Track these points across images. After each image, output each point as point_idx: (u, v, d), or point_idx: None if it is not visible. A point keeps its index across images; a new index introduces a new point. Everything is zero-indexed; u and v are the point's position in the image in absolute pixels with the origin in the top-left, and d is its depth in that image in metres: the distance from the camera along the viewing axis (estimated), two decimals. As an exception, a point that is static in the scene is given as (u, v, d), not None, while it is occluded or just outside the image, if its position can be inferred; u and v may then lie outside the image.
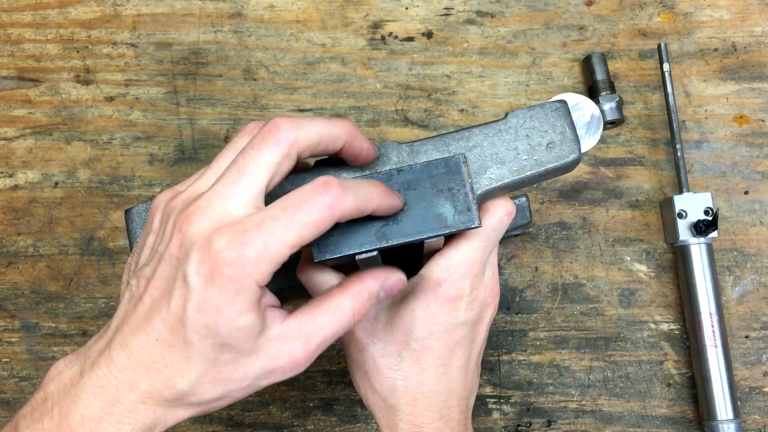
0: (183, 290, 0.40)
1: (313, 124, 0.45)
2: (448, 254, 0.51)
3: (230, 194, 0.42)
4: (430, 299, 0.50)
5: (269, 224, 0.40)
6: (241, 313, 0.40)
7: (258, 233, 0.40)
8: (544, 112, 0.50)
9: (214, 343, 0.41)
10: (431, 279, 0.51)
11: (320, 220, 0.41)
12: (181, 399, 0.42)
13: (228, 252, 0.39)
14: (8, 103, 0.77)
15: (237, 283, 0.40)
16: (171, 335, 0.41)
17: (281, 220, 0.40)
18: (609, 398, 0.71)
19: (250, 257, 0.40)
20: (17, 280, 0.74)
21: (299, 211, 0.41)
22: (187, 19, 0.78)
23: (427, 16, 0.78)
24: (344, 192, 0.42)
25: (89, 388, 0.42)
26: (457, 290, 0.50)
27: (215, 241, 0.40)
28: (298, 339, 0.43)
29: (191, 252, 0.40)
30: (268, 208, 0.41)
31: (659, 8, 0.77)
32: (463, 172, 0.47)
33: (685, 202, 0.70)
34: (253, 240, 0.40)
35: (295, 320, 0.43)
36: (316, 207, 0.41)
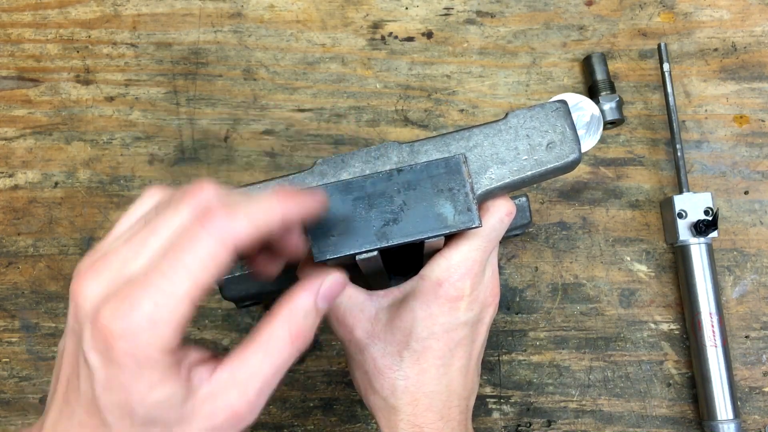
0: (86, 370, 0.36)
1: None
2: (449, 254, 0.51)
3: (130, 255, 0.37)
4: (431, 299, 0.50)
5: (155, 279, 0.35)
6: (153, 386, 0.35)
7: (143, 293, 0.35)
8: (545, 112, 0.50)
9: (133, 422, 0.36)
10: (431, 279, 0.51)
11: (214, 258, 0.35)
12: None
13: (116, 324, 0.34)
14: (8, 103, 0.77)
15: (135, 356, 0.34)
16: (89, 418, 0.37)
17: (167, 271, 0.35)
18: (609, 398, 0.71)
19: (142, 324, 0.34)
20: (17, 280, 0.74)
21: (185, 254, 0.35)
22: (187, 19, 0.78)
23: (427, 16, 0.78)
24: (231, 216, 0.36)
25: None
26: (458, 290, 0.50)
27: (101, 312, 0.35)
28: (233, 389, 0.38)
29: (84, 326, 0.36)
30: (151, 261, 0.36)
31: (659, 8, 0.77)
32: (464, 172, 0.47)
33: (685, 202, 0.70)
34: (140, 303, 0.34)
35: (225, 370, 0.38)
36: (204, 244, 0.35)
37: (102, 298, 0.35)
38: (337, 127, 0.76)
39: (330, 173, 0.49)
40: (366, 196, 0.47)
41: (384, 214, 0.47)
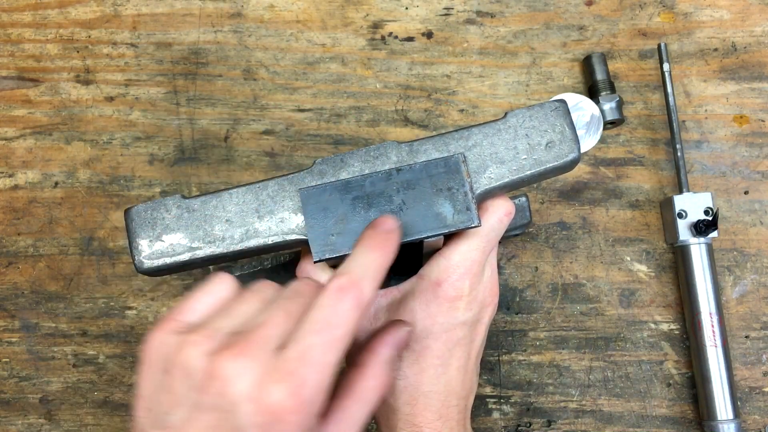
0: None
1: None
2: (448, 254, 0.51)
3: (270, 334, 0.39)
4: (430, 299, 0.50)
5: (312, 355, 0.38)
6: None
7: (307, 369, 0.38)
8: (544, 112, 0.50)
9: None
10: (430, 279, 0.51)
11: (353, 323, 0.40)
12: None
13: (288, 401, 0.37)
14: (8, 103, 0.77)
15: (301, 427, 0.38)
16: None
17: (319, 345, 0.38)
18: (609, 398, 0.71)
19: (310, 397, 0.38)
20: (17, 280, 0.74)
21: (332, 328, 0.39)
22: (187, 19, 0.78)
23: (427, 16, 0.78)
24: (359, 284, 0.41)
25: None
26: (456, 290, 0.50)
27: (269, 391, 0.37)
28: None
29: (241, 404, 0.37)
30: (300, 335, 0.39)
31: (659, 8, 0.77)
32: (463, 172, 0.47)
33: (685, 202, 0.70)
34: (307, 378, 0.38)
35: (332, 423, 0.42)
36: (346, 316, 0.40)
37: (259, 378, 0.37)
38: (337, 127, 0.76)
39: (329, 173, 0.49)
40: (365, 195, 0.47)
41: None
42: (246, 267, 0.65)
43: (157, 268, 0.49)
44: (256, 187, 0.50)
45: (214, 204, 0.49)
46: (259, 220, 0.49)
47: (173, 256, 0.49)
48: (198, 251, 0.49)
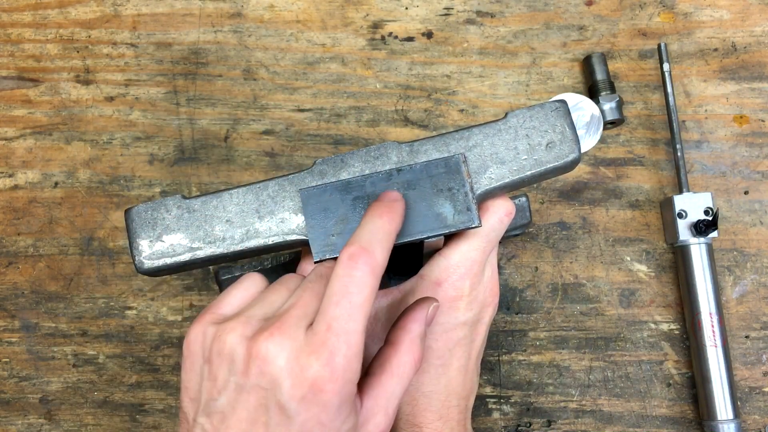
0: (280, 417, 0.40)
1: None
2: (448, 254, 0.51)
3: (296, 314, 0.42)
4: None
5: (338, 325, 0.40)
6: (346, 418, 0.41)
7: (335, 339, 0.40)
8: (544, 112, 0.50)
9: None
10: (430, 279, 0.51)
11: (371, 289, 0.41)
12: None
13: (323, 371, 0.39)
14: (8, 103, 0.77)
15: (339, 395, 0.39)
16: None
17: (342, 315, 0.40)
18: (609, 398, 0.71)
19: (343, 365, 0.39)
20: (17, 280, 0.74)
21: (351, 296, 0.41)
22: (187, 19, 0.78)
23: (427, 16, 0.78)
24: (369, 250, 0.42)
25: None
26: (457, 290, 0.50)
27: (304, 364, 0.39)
28: (379, 413, 0.43)
29: (281, 380, 0.39)
30: (324, 310, 0.41)
31: (659, 8, 0.77)
32: (463, 172, 0.47)
33: (685, 202, 0.70)
34: (337, 348, 0.40)
35: (371, 398, 0.44)
36: (361, 281, 0.41)
37: (294, 354, 0.40)
38: (337, 127, 0.76)
39: (330, 173, 0.49)
40: (366, 195, 0.47)
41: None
42: (246, 267, 0.65)
43: (158, 269, 0.49)
44: (257, 187, 0.50)
45: (214, 204, 0.49)
46: (259, 220, 0.49)
47: (173, 256, 0.49)
48: (198, 251, 0.49)
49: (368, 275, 0.41)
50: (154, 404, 0.72)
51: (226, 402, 0.41)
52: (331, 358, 0.39)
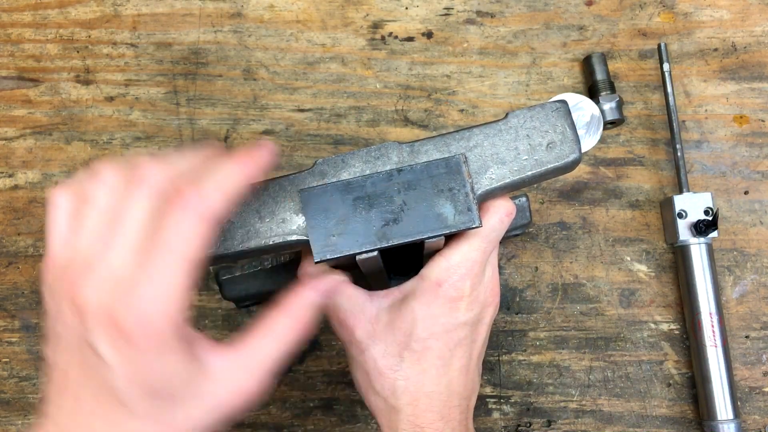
0: (95, 361, 0.39)
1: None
2: (448, 254, 0.51)
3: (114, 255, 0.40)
4: (431, 299, 0.50)
5: (155, 271, 0.39)
6: (167, 360, 0.39)
7: (149, 285, 0.38)
8: (545, 112, 0.50)
9: (151, 397, 0.39)
10: (431, 279, 0.51)
11: (197, 235, 0.40)
12: None
13: (129, 316, 0.38)
14: (8, 103, 0.77)
15: (148, 338, 0.38)
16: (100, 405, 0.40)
17: (163, 260, 0.39)
18: (609, 398, 0.71)
19: (150, 309, 0.38)
20: (17, 280, 0.74)
21: (175, 242, 0.39)
22: (187, 19, 0.78)
23: (427, 16, 0.78)
24: (205, 193, 0.40)
25: None
26: (458, 291, 0.50)
27: (112, 309, 0.38)
28: (242, 371, 0.42)
29: (93, 326, 0.39)
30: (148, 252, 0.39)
31: (659, 8, 0.77)
32: (464, 172, 0.47)
33: (685, 202, 0.70)
34: (144, 292, 0.38)
35: (233, 353, 0.42)
36: (185, 225, 0.39)
37: (106, 298, 0.38)
38: (337, 127, 0.76)
39: (330, 173, 0.49)
40: (366, 196, 0.47)
41: (384, 214, 0.47)
42: (246, 267, 0.65)
43: None
44: (257, 187, 0.50)
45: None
46: (259, 220, 0.49)
47: (174, 256, 0.49)
48: (199, 252, 0.49)
49: (197, 221, 0.39)
50: (154, 404, 0.72)
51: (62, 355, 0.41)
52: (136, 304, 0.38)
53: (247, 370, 0.42)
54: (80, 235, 0.41)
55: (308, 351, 0.72)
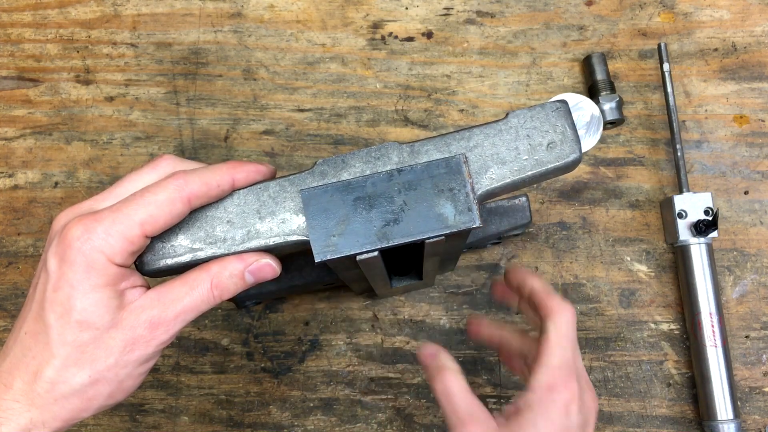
0: (44, 275, 0.43)
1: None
2: (546, 360, 0.51)
3: (102, 199, 0.46)
4: (548, 405, 0.50)
5: (120, 205, 0.43)
6: (95, 287, 0.42)
7: (108, 213, 0.43)
8: (545, 112, 0.50)
9: (70, 320, 0.42)
10: (542, 386, 0.50)
11: (169, 198, 0.44)
12: (52, 390, 0.43)
13: (77, 230, 0.42)
14: (8, 103, 0.77)
15: (87, 256, 0.42)
16: (35, 324, 0.43)
17: (132, 203, 0.43)
18: (609, 398, 0.71)
19: (98, 232, 0.42)
20: (17, 280, 0.74)
21: (148, 193, 0.44)
22: (187, 19, 0.78)
23: (427, 16, 0.78)
24: (190, 176, 0.45)
25: None
26: (570, 391, 0.50)
27: (70, 225, 0.43)
28: (156, 307, 0.45)
29: (52, 240, 0.44)
30: (121, 197, 0.45)
31: (659, 8, 0.77)
32: (464, 172, 0.47)
33: (685, 202, 0.70)
34: (103, 218, 0.43)
35: (154, 291, 0.45)
36: (164, 188, 0.44)
37: (72, 220, 0.43)
38: (337, 127, 0.76)
39: (330, 173, 0.49)
40: (366, 196, 0.47)
41: (385, 215, 0.47)
42: None
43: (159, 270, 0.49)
44: (258, 187, 0.49)
45: (215, 205, 0.49)
46: (260, 221, 0.49)
47: (174, 257, 0.49)
48: (199, 252, 0.49)
49: (174, 189, 0.44)
50: (154, 404, 0.72)
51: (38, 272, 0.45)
52: (92, 222, 0.42)
53: (160, 308, 0.45)
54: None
55: (308, 351, 0.72)
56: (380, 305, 0.73)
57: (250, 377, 0.72)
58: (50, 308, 0.43)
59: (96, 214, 0.43)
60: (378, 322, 0.72)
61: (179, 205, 0.45)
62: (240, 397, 0.71)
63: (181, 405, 0.71)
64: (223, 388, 0.72)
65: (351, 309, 0.73)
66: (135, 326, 0.44)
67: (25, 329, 0.44)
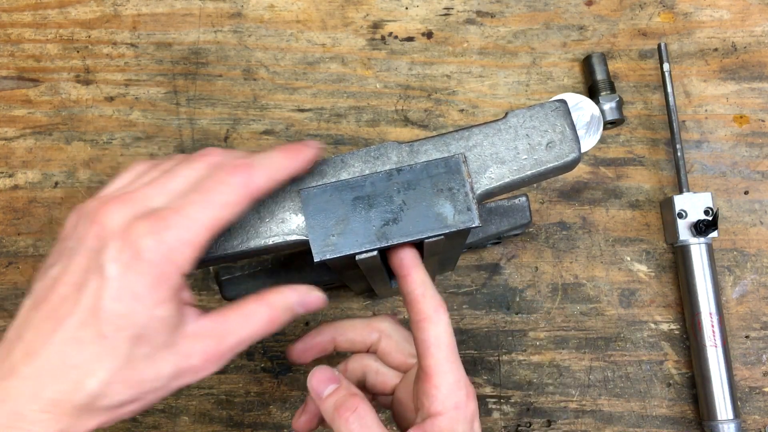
0: (99, 280, 0.39)
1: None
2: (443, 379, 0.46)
3: (155, 193, 0.42)
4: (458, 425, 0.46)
5: (187, 209, 0.40)
6: (160, 302, 0.40)
7: (177, 218, 0.40)
8: (544, 112, 0.50)
9: (129, 335, 0.39)
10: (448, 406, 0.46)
11: (236, 199, 0.42)
12: (91, 404, 0.39)
13: (148, 239, 0.39)
14: (8, 103, 0.77)
15: (158, 268, 0.39)
16: (82, 331, 0.39)
17: (198, 203, 0.41)
18: (609, 398, 0.71)
19: (171, 242, 0.39)
20: (17, 280, 0.74)
21: (215, 193, 0.41)
22: (187, 19, 0.78)
23: (427, 16, 0.78)
24: (253, 169, 0.43)
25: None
26: (474, 404, 0.47)
27: (135, 228, 0.39)
28: (212, 338, 0.42)
29: (109, 241, 0.39)
30: (184, 194, 0.42)
31: (659, 8, 0.77)
32: (463, 172, 0.47)
33: (685, 202, 0.70)
34: (173, 225, 0.40)
35: (210, 320, 0.43)
36: (231, 187, 0.42)
37: (132, 219, 0.40)
38: (337, 127, 0.76)
39: (330, 173, 0.49)
40: (366, 196, 0.47)
41: (384, 214, 0.47)
42: (246, 267, 0.65)
43: None
44: None
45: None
46: (259, 220, 0.49)
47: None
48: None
49: (240, 186, 0.42)
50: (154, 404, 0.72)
51: (60, 267, 0.41)
52: (163, 230, 0.39)
53: (216, 340, 0.42)
54: (134, 183, 0.44)
55: (308, 351, 0.72)
56: (380, 305, 0.73)
57: (250, 377, 0.72)
58: (108, 319, 0.39)
59: (163, 218, 0.40)
60: (378, 322, 0.72)
61: (245, 204, 0.43)
62: (240, 397, 0.71)
63: (181, 405, 0.71)
64: (223, 388, 0.72)
65: (351, 309, 0.73)
66: (190, 355, 0.41)
67: (64, 335, 0.39)
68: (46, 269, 0.42)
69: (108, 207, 0.41)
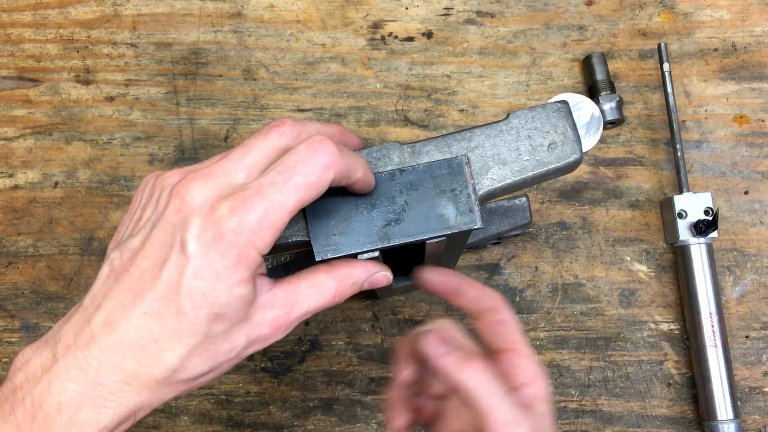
0: (180, 257, 0.39)
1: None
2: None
3: (233, 168, 0.42)
4: None
5: (268, 190, 0.40)
6: (239, 282, 0.40)
7: (258, 200, 0.40)
8: (546, 113, 0.50)
9: (209, 312, 0.40)
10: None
11: (318, 180, 0.41)
12: (170, 377, 0.40)
13: (231, 219, 0.39)
14: (8, 103, 0.77)
15: (239, 250, 0.39)
16: (162, 306, 0.39)
17: (279, 184, 0.40)
18: (609, 398, 0.71)
19: (252, 224, 0.39)
20: (17, 280, 0.74)
21: (297, 174, 0.40)
22: (187, 19, 0.78)
23: (427, 16, 0.78)
24: (340, 153, 0.42)
25: (65, 372, 0.39)
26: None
27: (218, 208, 0.39)
28: (282, 307, 0.43)
29: (191, 218, 0.40)
30: (266, 173, 0.41)
31: (659, 8, 0.77)
32: (466, 173, 0.47)
33: (685, 202, 0.70)
34: (255, 206, 0.39)
35: (282, 289, 0.43)
36: (314, 167, 0.41)
37: (216, 198, 0.40)
38: (337, 127, 0.76)
39: None
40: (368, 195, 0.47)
41: (386, 214, 0.47)
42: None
43: None
44: None
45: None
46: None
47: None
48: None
49: (325, 166, 0.41)
50: (155, 404, 0.72)
51: (140, 239, 0.41)
52: (245, 213, 0.39)
53: (286, 309, 0.43)
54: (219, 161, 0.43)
55: (308, 351, 0.72)
56: (380, 305, 0.73)
57: (249, 377, 0.72)
58: (188, 296, 0.39)
59: (246, 199, 0.39)
60: (378, 322, 0.72)
61: (325, 183, 0.41)
62: (240, 397, 0.71)
63: (181, 405, 0.71)
64: (223, 388, 0.72)
65: (351, 309, 0.73)
66: (261, 324, 0.42)
67: (145, 308, 0.39)
68: (125, 239, 0.43)
69: (190, 182, 0.41)
